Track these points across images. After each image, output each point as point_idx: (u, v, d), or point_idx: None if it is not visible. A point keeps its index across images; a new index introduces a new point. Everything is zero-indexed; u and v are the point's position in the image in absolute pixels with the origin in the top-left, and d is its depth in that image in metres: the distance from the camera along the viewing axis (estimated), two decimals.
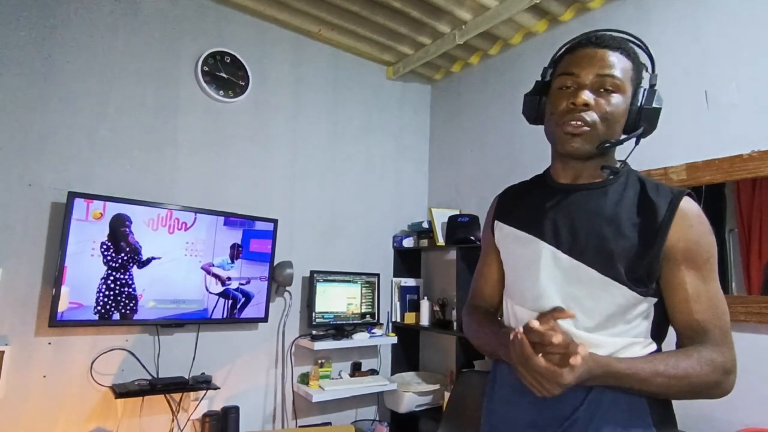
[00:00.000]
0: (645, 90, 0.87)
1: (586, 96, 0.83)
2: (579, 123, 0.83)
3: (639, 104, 0.86)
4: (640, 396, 0.81)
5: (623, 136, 0.88)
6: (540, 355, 0.74)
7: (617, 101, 0.84)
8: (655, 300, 0.84)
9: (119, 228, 2.04)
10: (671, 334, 0.88)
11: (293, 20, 2.69)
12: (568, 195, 0.91)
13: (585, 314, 0.83)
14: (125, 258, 2.05)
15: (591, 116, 0.83)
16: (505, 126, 2.78)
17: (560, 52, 0.93)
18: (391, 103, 3.25)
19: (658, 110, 0.86)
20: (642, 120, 0.86)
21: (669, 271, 0.82)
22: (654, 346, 0.84)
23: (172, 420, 2.18)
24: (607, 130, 0.84)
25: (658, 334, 0.86)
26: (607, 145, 0.85)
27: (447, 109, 3.29)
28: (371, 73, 3.17)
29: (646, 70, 0.90)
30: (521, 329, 0.77)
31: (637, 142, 0.89)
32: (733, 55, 1.88)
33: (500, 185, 1.09)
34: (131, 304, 2.06)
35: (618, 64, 0.85)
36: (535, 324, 0.76)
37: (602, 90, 0.84)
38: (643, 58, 0.90)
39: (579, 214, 0.88)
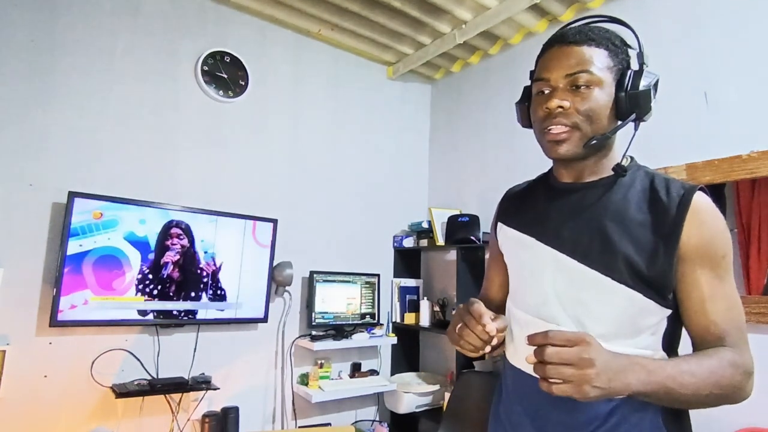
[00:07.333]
0: (631, 73, 0.82)
1: (557, 101, 0.80)
2: (559, 128, 0.81)
3: (624, 90, 0.81)
4: (656, 414, 0.77)
5: (619, 122, 0.83)
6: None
7: (596, 95, 0.80)
8: (669, 312, 0.79)
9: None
10: (682, 348, 0.83)
11: (293, 20, 2.69)
12: (571, 194, 0.88)
13: (594, 321, 0.79)
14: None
15: (570, 118, 0.80)
16: (505, 126, 2.78)
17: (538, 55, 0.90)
18: (391, 102, 3.24)
19: (646, 92, 0.81)
20: (633, 106, 0.81)
21: (683, 271, 0.77)
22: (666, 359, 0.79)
23: (172, 420, 2.18)
24: (593, 127, 0.80)
25: (669, 345, 0.81)
26: (594, 141, 0.81)
27: (447, 108, 3.29)
28: (371, 72, 3.17)
29: (632, 48, 0.86)
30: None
31: (636, 128, 0.84)
32: (733, 55, 1.88)
33: (500, 185, 1.08)
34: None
35: (589, 56, 0.80)
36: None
37: (577, 88, 0.80)
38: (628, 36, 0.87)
39: (582, 213, 0.84)
